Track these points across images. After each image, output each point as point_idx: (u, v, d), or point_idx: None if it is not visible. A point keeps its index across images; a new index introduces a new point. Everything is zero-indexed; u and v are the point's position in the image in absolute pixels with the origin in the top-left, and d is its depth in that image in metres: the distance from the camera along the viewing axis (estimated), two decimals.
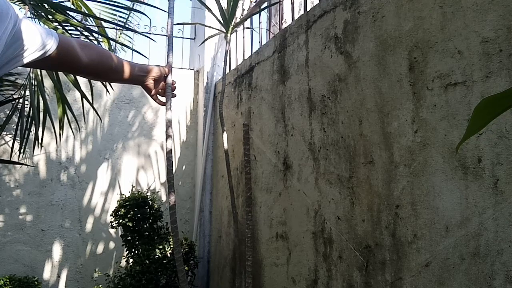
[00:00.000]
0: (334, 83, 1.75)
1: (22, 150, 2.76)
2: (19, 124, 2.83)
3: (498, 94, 0.39)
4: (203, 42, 3.17)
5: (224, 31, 2.49)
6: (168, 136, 1.74)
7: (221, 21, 2.45)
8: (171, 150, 1.78)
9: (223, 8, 2.42)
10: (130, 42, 3.72)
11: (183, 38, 3.85)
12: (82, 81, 2.98)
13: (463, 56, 1.17)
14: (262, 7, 2.59)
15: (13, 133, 3.12)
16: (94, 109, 2.46)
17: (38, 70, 2.29)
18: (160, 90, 1.43)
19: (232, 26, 2.46)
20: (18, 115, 3.01)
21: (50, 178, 3.26)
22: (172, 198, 1.79)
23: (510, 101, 0.38)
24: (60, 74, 2.45)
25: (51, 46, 0.90)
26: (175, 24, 2.97)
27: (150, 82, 1.32)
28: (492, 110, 0.40)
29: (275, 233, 2.18)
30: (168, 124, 1.71)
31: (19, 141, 3.03)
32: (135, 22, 4.89)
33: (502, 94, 0.39)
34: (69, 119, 2.70)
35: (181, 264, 1.85)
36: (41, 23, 2.19)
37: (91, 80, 2.81)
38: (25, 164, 3.05)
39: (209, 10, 2.50)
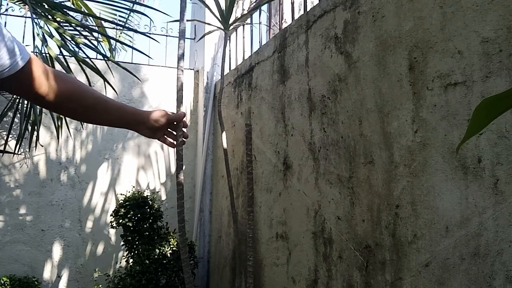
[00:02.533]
0: (334, 83, 1.75)
1: (18, 147, 2.75)
2: (13, 122, 2.83)
3: (498, 95, 0.39)
4: (202, 37, 3.17)
5: (223, 28, 2.49)
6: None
7: (220, 18, 2.45)
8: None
9: (221, 5, 2.42)
10: (131, 42, 3.72)
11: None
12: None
13: (463, 56, 1.17)
14: (262, 4, 2.59)
15: (13, 132, 3.12)
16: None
17: None
18: (165, 135, 1.23)
19: (230, 23, 2.46)
20: (16, 113, 3.00)
21: (50, 178, 3.26)
22: (181, 177, 1.74)
23: (510, 102, 0.38)
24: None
25: (13, 63, 0.75)
26: (172, 21, 2.96)
27: (146, 132, 1.14)
28: (492, 110, 0.40)
29: (275, 233, 2.18)
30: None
31: (16, 139, 3.03)
32: (135, 22, 4.89)
33: (502, 94, 0.39)
34: (66, 121, 2.69)
35: (187, 265, 1.84)
36: (41, 22, 2.19)
37: (90, 81, 2.81)
38: (14, 153, 3.04)
39: (207, 7, 2.50)
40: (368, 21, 1.56)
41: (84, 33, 2.52)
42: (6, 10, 3.30)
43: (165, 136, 1.23)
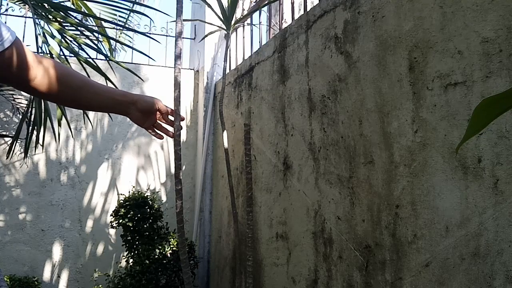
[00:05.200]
0: (334, 83, 1.75)
1: (26, 149, 2.74)
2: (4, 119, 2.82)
3: (498, 95, 0.39)
4: (204, 38, 3.17)
5: (225, 28, 2.49)
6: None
7: (222, 18, 2.45)
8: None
9: (223, 5, 2.42)
10: (131, 42, 3.72)
11: (183, 38, 3.85)
12: None
13: (463, 56, 1.17)
14: (262, 5, 2.59)
15: (13, 132, 3.12)
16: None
17: None
18: (154, 124, 1.16)
19: (233, 23, 2.46)
20: (19, 115, 3.01)
21: (50, 178, 3.26)
22: (179, 177, 1.75)
23: (510, 102, 0.38)
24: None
25: (6, 36, 0.75)
26: (172, 22, 2.96)
27: (136, 114, 1.07)
28: (492, 110, 0.40)
29: (275, 233, 2.18)
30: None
31: (19, 142, 3.03)
32: (135, 22, 4.89)
33: (502, 94, 0.39)
34: (67, 120, 2.70)
35: (186, 265, 1.84)
36: (41, 22, 2.19)
37: None
38: (7, 136, 3.04)
39: (210, 6, 2.50)
40: (368, 21, 1.56)
41: (85, 33, 2.52)
42: (6, 10, 3.30)
43: (154, 128, 1.18)
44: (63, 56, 2.25)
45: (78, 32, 2.47)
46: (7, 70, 0.79)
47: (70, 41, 2.24)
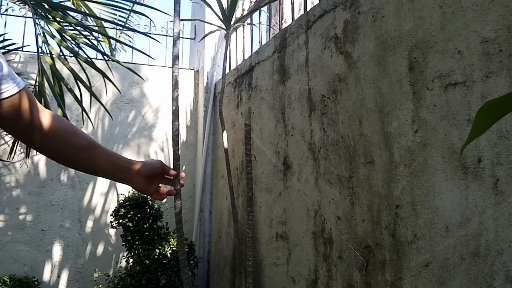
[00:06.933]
0: (334, 83, 1.75)
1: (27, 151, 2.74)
2: None
3: (501, 97, 0.39)
4: (203, 37, 3.18)
5: (224, 28, 2.49)
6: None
7: (221, 18, 2.45)
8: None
9: (223, 5, 2.42)
10: (131, 42, 3.72)
11: (183, 38, 3.86)
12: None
13: (463, 56, 1.17)
14: (262, 5, 2.59)
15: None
16: (103, 105, 2.44)
17: (40, 71, 2.28)
18: (160, 188, 1.10)
19: (232, 23, 2.46)
20: None
21: (50, 178, 3.25)
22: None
23: None
24: (61, 71, 2.45)
25: (9, 88, 0.74)
26: (172, 21, 2.95)
27: (140, 182, 1.03)
28: (495, 112, 0.40)
29: (275, 233, 2.18)
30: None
31: (20, 141, 3.03)
32: (135, 22, 4.89)
33: (505, 97, 0.39)
34: (68, 120, 2.70)
35: (185, 266, 1.83)
36: (42, 22, 2.19)
37: (90, 81, 2.80)
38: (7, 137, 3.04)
39: (209, 6, 2.50)
40: (368, 21, 1.56)
41: (84, 33, 2.52)
42: (6, 10, 3.30)
43: (158, 190, 1.11)
44: (63, 56, 2.25)
45: (78, 32, 2.47)
46: (18, 114, 0.78)
47: (70, 41, 2.24)
